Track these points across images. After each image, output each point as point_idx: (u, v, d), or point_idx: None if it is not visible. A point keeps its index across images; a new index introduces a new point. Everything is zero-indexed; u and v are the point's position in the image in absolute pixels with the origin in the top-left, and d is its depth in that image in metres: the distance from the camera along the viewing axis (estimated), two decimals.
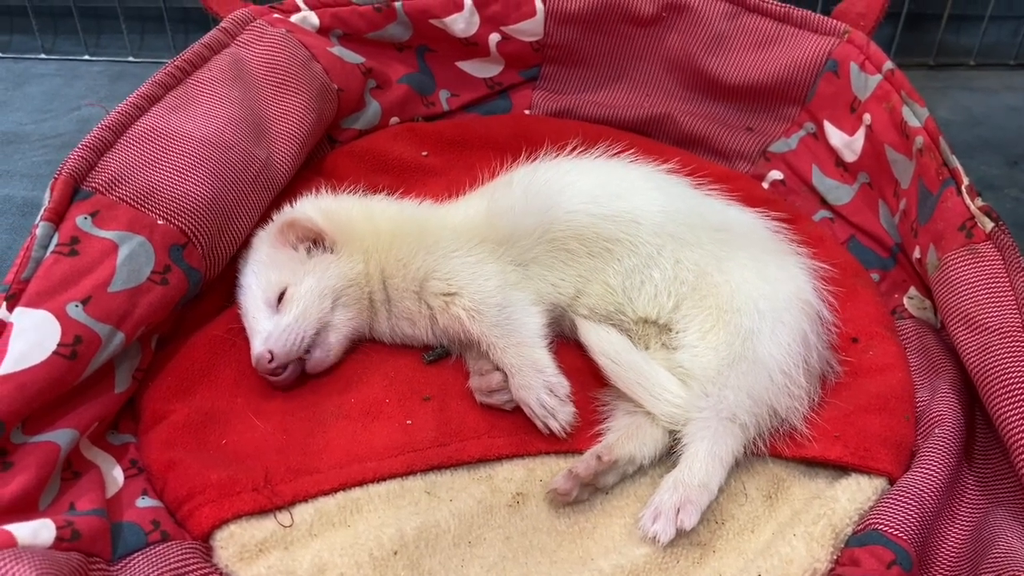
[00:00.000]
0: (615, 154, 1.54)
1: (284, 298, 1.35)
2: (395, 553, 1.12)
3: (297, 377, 1.36)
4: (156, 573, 1.06)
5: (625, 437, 1.26)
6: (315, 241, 1.41)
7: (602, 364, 1.32)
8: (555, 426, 1.27)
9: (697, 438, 1.23)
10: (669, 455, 1.27)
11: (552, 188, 1.44)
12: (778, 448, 1.27)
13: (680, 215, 1.43)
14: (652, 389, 1.28)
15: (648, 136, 1.98)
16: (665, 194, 1.47)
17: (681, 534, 1.16)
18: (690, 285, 1.37)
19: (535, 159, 1.54)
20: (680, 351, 1.33)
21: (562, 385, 1.29)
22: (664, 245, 1.40)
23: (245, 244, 1.49)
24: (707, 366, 1.29)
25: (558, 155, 1.54)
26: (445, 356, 1.43)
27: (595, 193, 1.43)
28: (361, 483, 1.20)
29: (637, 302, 1.40)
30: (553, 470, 1.26)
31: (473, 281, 1.37)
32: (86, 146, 1.31)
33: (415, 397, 1.34)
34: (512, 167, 1.52)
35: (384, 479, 1.21)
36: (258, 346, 1.31)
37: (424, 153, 1.87)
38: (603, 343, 1.33)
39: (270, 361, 1.29)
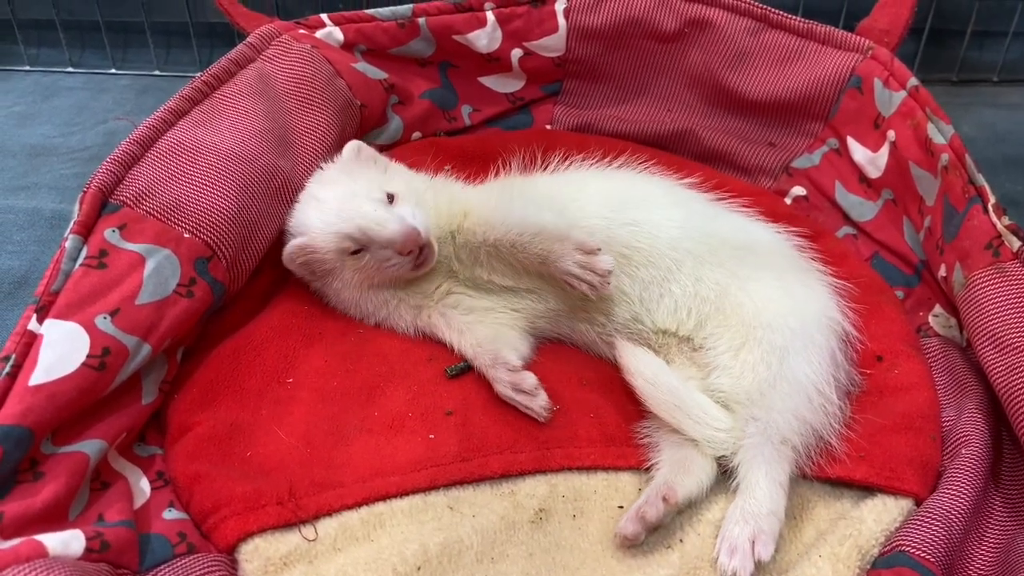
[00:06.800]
0: (636, 165, 1.56)
1: (394, 198, 1.42)
2: (418, 568, 1.12)
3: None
4: None
5: (681, 473, 1.22)
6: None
7: (638, 386, 1.31)
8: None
9: (754, 464, 1.21)
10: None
11: (568, 193, 1.47)
12: (803, 468, 1.25)
13: (698, 232, 1.42)
14: (691, 412, 1.26)
15: (670, 151, 1.99)
16: (685, 210, 1.47)
17: (759, 567, 1.13)
18: (712, 304, 1.37)
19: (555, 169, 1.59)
20: (717, 373, 1.32)
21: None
22: (683, 260, 1.40)
23: (266, 258, 1.51)
24: (750, 388, 1.27)
25: (579, 164, 1.58)
26: (467, 370, 1.43)
27: (611, 199, 1.45)
28: (384, 498, 1.20)
29: (656, 314, 1.40)
30: (575, 486, 1.25)
31: (483, 203, 1.46)
32: (114, 160, 1.32)
33: (438, 411, 1.34)
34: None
35: (407, 494, 1.21)
36: (400, 227, 1.34)
37: (447, 168, 1.88)
38: (640, 364, 1.32)
39: (420, 234, 1.35)
